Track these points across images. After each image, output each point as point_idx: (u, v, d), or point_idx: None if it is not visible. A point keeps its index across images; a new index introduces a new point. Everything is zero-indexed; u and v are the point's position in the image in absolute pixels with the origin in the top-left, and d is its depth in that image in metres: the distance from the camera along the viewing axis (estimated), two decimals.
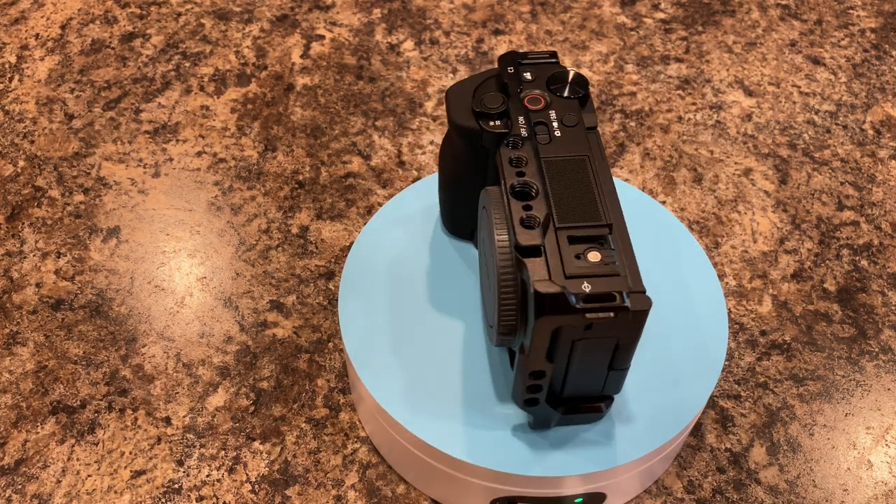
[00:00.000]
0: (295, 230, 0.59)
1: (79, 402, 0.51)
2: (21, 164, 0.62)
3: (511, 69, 0.42)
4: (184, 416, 0.50)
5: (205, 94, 0.67)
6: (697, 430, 0.50)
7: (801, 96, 0.68)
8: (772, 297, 0.56)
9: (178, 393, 0.51)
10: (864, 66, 0.70)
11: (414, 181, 0.61)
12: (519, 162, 0.38)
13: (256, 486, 0.48)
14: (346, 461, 0.49)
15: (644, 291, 0.35)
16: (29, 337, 0.53)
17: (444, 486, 0.45)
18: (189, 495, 0.47)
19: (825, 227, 0.60)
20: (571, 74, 0.42)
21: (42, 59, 0.69)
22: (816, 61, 0.71)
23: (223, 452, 0.49)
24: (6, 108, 0.66)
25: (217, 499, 0.47)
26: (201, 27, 0.72)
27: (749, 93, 0.68)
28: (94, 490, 0.47)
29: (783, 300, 0.56)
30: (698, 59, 0.70)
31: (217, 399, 0.51)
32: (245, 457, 0.49)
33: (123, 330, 0.54)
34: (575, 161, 0.38)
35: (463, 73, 0.68)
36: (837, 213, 0.61)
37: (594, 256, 0.35)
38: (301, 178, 0.62)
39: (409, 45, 0.71)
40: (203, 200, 0.60)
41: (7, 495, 0.47)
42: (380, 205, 0.60)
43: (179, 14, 0.73)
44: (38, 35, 0.71)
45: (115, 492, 0.47)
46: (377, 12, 0.73)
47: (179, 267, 0.57)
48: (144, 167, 0.62)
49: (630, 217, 0.51)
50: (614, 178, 0.51)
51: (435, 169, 0.62)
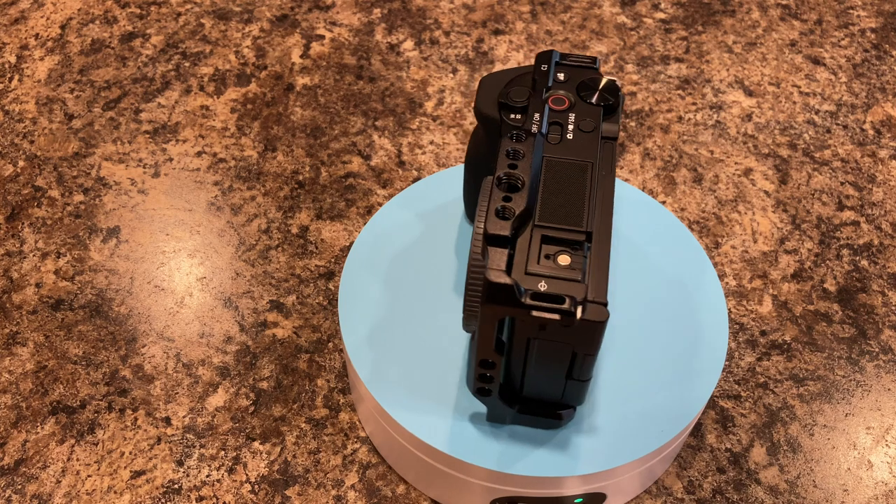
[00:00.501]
0: (295, 230, 0.59)
1: (79, 403, 0.51)
2: (21, 164, 0.62)
3: (545, 67, 0.42)
4: (184, 417, 0.50)
5: (205, 94, 0.67)
6: (697, 430, 0.50)
7: (802, 96, 0.68)
8: (772, 297, 0.56)
9: (177, 393, 0.51)
10: (865, 65, 0.70)
11: (414, 181, 0.61)
12: (516, 155, 0.38)
13: (256, 486, 0.48)
14: (346, 461, 0.49)
15: (605, 304, 0.34)
16: (29, 337, 0.53)
17: (444, 487, 0.45)
18: (189, 495, 0.47)
19: (825, 227, 0.60)
20: (604, 82, 0.41)
21: (42, 59, 0.69)
22: (816, 61, 0.71)
23: (223, 453, 0.49)
24: (6, 108, 0.66)
25: (217, 499, 0.47)
26: (201, 27, 0.72)
27: (749, 93, 0.68)
28: (93, 490, 0.47)
29: (783, 300, 0.56)
30: (698, 59, 0.70)
31: (217, 399, 0.51)
32: (245, 457, 0.49)
33: (123, 330, 0.54)
34: (577, 166, 0.38)
35: (463, 73, 0.68)
36: (837, 213, 0.61)
37: (563, 260, 0.35)
38: (301, 178, 0.62)
39: (409, 44, 0.71)
40: (203, 200, 0.60)
41: (7, 495, 0.47)
42: (380, 205, 0.60)
43: (179, 14, 0.73)
44: (37, 35, 0.71)
45: (115, 492, 0.47)
46: (377, 12, 0.73)
47: (179, 267, 0.57)
48: (144, 167, 0.62)
49: (630, 217, 0.51)
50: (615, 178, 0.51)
51: (435, 169, 0.62)
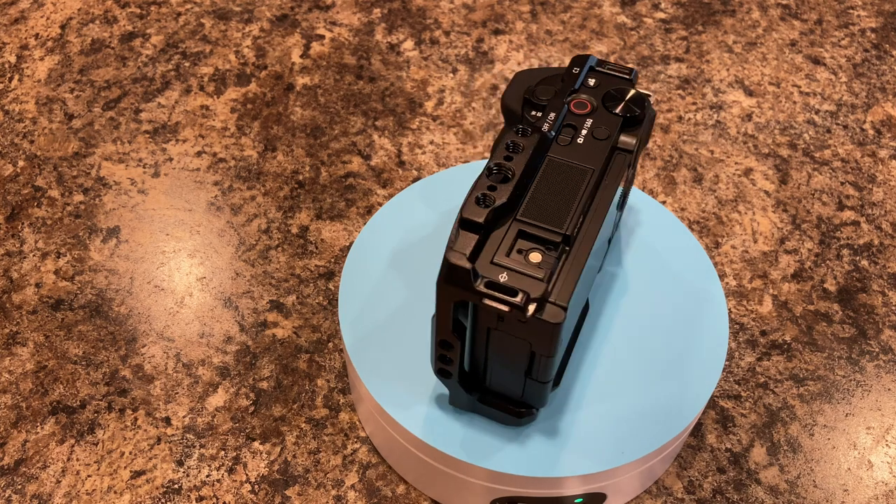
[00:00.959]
0: (295, 230, 0.59)
1: (78, 403, 0.51)
2: (21, 164, 0.62)
3: (576, 70, 0.42)
4: (183, 417, 0.50)
5: (205, 94, 0.67)
6: (698, 431, 0.50)
7: (802, 96, 0.68)
8: (772, 297, 0.56)
9: (177, 393, 0.51)
10: (865, 65, 0.70)
11: (414, 181, 0.61)
12: (515, 148, 0.38)
13: (256, 486, 0.48)
14: (346, 461, 0.49)
15: (565, 308, 0.34)
16: (29, 337, 0.53)
17: (444, 487, 0.45)
18: (189, 495, 0.47)
19: (825, 227, 0.60)
20: (631, 93, 0.41)
21: (42, 59, 0.69)
22: (817, 61, 0.71)
23: (223, 453, 0.49)
24: (6, 107, 0.66)
25: (217, 499, 0.47)
26: (201, 27, 0.72)
27: (749, 93, 0.68)
28: (93, 490, 0.47)
29: (783, 300, 0.56)
30: (698, 58, 0.70)
31: (217, 399, 0.51)
32: (245, 457, 0.49)
33: (123, 330, 0.54)
34: (577, 170, 0.38)
35: (463, 72, 0.68)
36: (838, 213, 0.61)
37: (534, 257, 0.35)
38: (301, 178, 0.62)
39: (409, 44, 0.71)
40: (203, 200, 0.60)
41: (7, 495, 0.47)
42: (380, 205, 0.60)
43: (179, 14, 0.73)
44: (37, 35, 0.71)
45: (115, 492, 0.47)
46: (377, 12, 0.73)
47: (179, 267, 0.57)
48: (144, 167, 0.62)
49: (630, 217, 0.51)
50: None
51: (435, 169, 0.62)
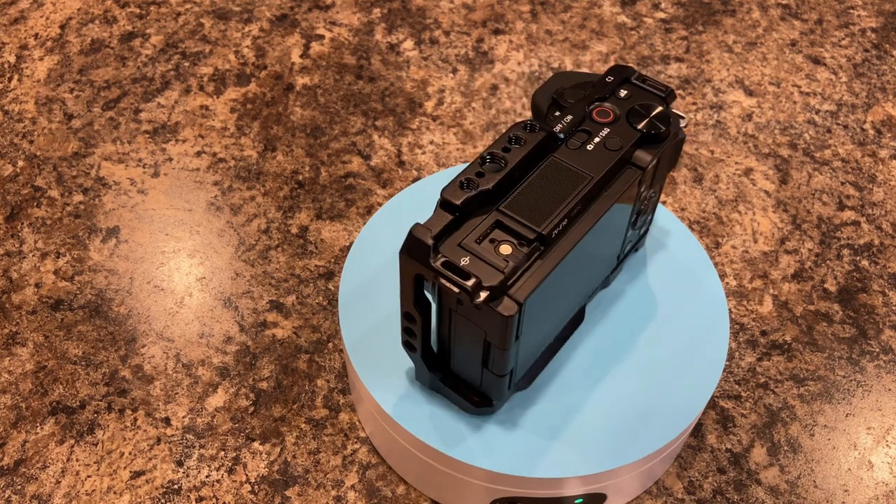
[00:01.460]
0: (295, 230, 0.59)
1: (78, 403, 0.51)
2: (20, 164, 0.62)
3: (610, 79, 0.42)
4: (183, 417, 0.50)
5: (204, 94, 0.67)
6: (698, 431, 0.50)
7: (802, 96, 0.68)
8: (772, 298, 0.56)
9: (177, 393, 0.51)
10: (865, 65, 0.70)
11: (414, 181, 0.61)
12: (517, 141, 0.38)
13: (256, 486, 0.48)
14: (346, 461, 0.48)
15: (521, 303, 0.34)
16: (28, 337, 0.53)
17: (444, 487, 0.45)
18: (189, 496, 0.47)
19: (826, 227, 0.60)
20: (657, 110, 0.40)
21: (41, 59, 0.69)
22: (817, 61, 0.71)
23: (223, 453, 0.49)
24: (5, 107, 0.66)
25: (217, 499, 0.47)
26: (201, 27, 0.72)
27: (749, 93, 0.68)
28: (93, 490, 0.47)
29: (784, 300, 0.56)
30: (698, 58, 0.70)
31: (217, 399, 0.51)
32: (245, 457, 0.49)
33: (123, 330, 0.54)
34: (575, 174, 0.38)
35: (463, 72, 0.68)
36: (838, 213, 0.61)
37: (504, 249, 0.35)
38: (301, 178, 0.62)
39: (408, 44, 0.71)
40: (203, 200, 0.60)
41: (6, 496, 0.47)
42: (380, 205, 0.60)
43: (179, 14, 0.73)
44: (37, 35, 0.71)
45: (115, 492, 0.47)
46: (377, 12, 0.73)
47: (179, 267, 0.57)
48: (144, 167, 0.62)
49: None
50: None
51: (435, 169, 0.62)
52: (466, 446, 0.42)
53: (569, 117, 0.40)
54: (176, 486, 0.47)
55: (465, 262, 0.35)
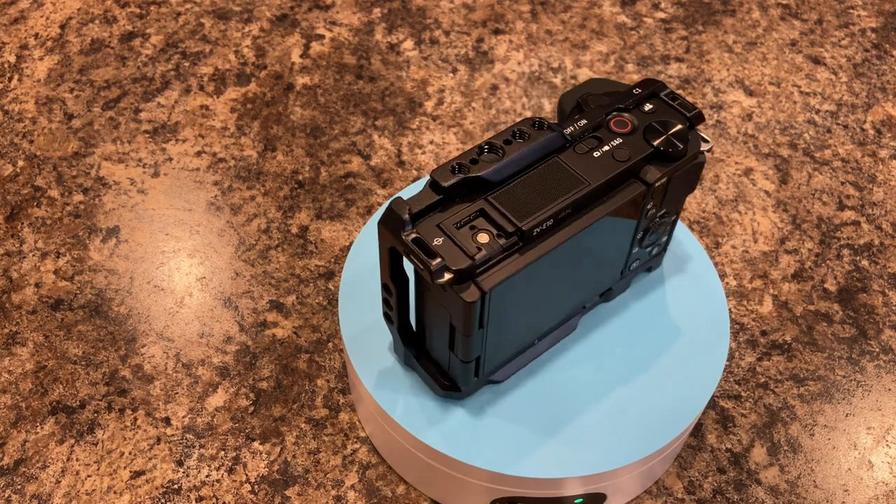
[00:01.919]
0: (295, 230, 0.59)
1: (78, 403, 0.51)
2: (20, 163, 0.62)
3: (638, 91, 0.41)
4: (183, 417, 0.50)
5: (204, 94, 0.67)
6: (698, 431, 0.50)
7: (802, 96, 0.68)
8: (772, 297, 0.56)
9: (177, 393, 0.51)
10: (865, 65, 0.70)
11: (414, 181, 0.61)
12: (521, 135, 0.38)
13: (256, 486, 0.48)
14: (346, 461, 0.48)
15: (485, 292, 0.35)
16: (28, 337, 0.53)
17: (444, 487, 0.45)
18: (188, 496, 0.47)
19: (826, 227, 0.60)
20: (675, 128, 0.40)
21: (41, 59, 0.69)
22: (817, 61, 0.71)
23: (223, 453, 0.49)
24: (6, 107, 0.66)
25: (217, 499, 0.47)
26: (201, 27, 0.72)
27: (749, 92, 0.68)
28: (93, 490, 0.47)
29: (784, 300, 0.56)
30: (699, 58, 0.70)
31: (217, 399, 0.51)
32: (245, 457, 0.49)
33: (123, 330, 0.54)
34: (573, 178, 0.38)
35: (463, 72, 0.68)
36: (838, 213, 0.61)
37: (482, 238, 0.36)
38: (301, 177, 0.62)
39: (409, 44, 0.71)
40: (203, 200, 0.60)
41: (6, 495, 0.47)
42: (380, 205, 0.60)
43: (179, 14, 0.73)
44: (37, 35, 0.71)
45: (115, 492, 0.47)
46: (377, 12, 0.73)
47: (179, 267, 0.57)
48: (144, 167, 0.62)
49: None
50: None
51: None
52: (466, 446, 0.42)
53: (583, 121, 0.39)
54: (176, 486, 0.47)
55: (437, 242, 0.35)
